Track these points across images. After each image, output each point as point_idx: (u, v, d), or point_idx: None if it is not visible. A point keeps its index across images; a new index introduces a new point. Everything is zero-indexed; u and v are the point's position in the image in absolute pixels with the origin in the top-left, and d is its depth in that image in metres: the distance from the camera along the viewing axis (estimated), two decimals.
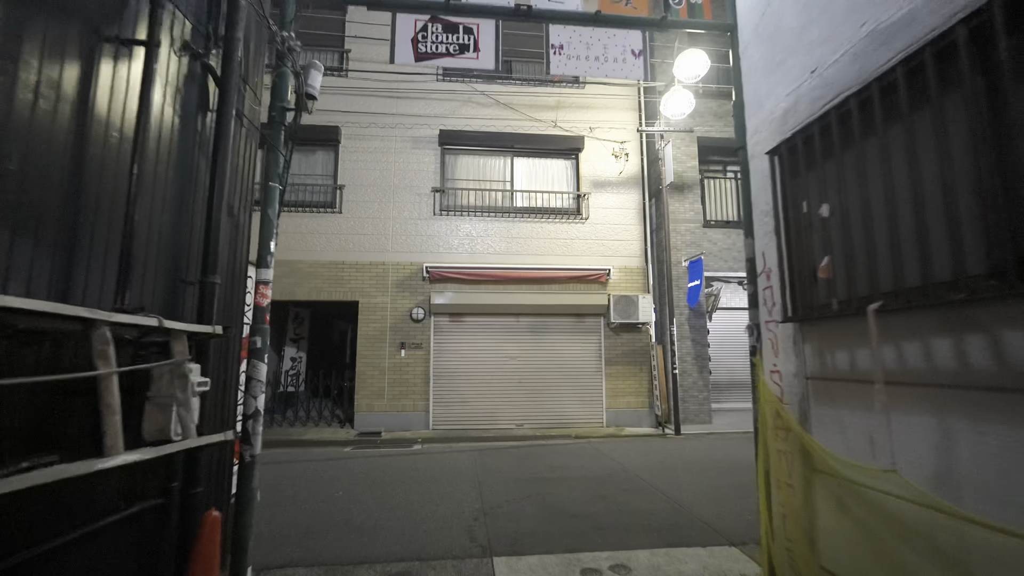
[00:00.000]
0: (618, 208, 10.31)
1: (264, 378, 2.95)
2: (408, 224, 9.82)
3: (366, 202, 9.81)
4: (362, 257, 9.65)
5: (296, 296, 9.48)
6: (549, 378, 9.68)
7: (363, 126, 9.99)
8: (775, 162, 2.79)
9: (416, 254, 9.74)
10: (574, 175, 10.47)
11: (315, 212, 9.71)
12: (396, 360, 9.41)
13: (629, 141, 10.41)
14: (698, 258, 9.64)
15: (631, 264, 10.14)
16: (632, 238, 10.23)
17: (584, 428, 9.51)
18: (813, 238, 2.50)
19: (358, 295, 9.54)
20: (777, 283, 2.81)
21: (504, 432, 9.19)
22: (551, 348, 9.77)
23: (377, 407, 9.26)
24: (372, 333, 9.46)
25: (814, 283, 2.47)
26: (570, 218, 10.16)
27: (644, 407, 9.75)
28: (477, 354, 9.64)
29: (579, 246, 10.08)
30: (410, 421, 9.27)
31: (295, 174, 9.93)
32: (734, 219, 10.72)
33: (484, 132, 10.07)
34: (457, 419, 9.40)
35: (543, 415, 9.56)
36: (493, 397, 9.53)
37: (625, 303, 9.64)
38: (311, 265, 9.53)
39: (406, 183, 9.94)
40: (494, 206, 10.06)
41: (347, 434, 8.96)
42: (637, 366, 9.86)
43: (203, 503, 2.47)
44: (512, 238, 9.95)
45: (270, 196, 3.10)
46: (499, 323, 9.74)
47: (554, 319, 9.85)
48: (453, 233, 9.87)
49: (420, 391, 9.38)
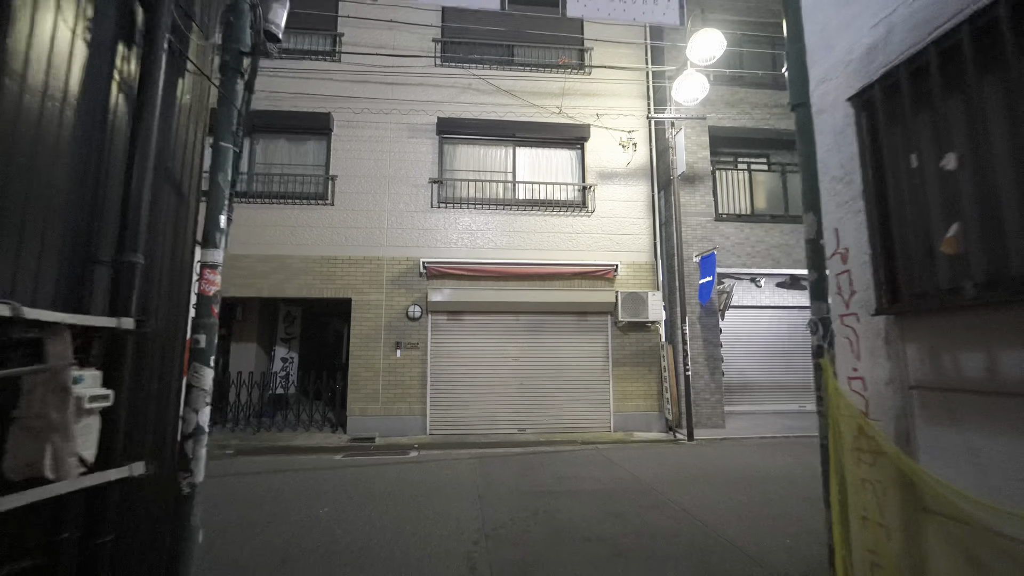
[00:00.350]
0: (626, 201, 9.68)
1: (209, 387, 2.32)
2: (404, 217, 9.19)
3: (360, 194, 9.18)
4: (355, 252, 9.01)
5: (285, 293, 8.84)
6: (553, 380, 9.05)
7: (356, 112, 9.36)
8: (860, 112, 2.17)
9: (412, 248, 9.11)
10: (579, 166, 9.85)
11: (306, 204, 9.07)
12: (391, 361, 8.78)
13: (637, 130, 9.79)
14: (711, 253, 9.02)
15: (639, 259, 9.51)
16: (640, 232, 9.61)
17: (591, 433, 8.88)
18: (927, 201, 1.88)
19: (351, 292, 8.90)
20: (861, 266, 2.19)
21: (506, 437, 8.56)
22: (555, 348, 9.14)
23: (371, 411, 8.62)
24: (366, 332, 8.82)
25: (929, 262, 1.86)
26: (575, 211, 9.53)
27: (654, 410, 9.13)
28: (477, 354, 9.01)
29: (585, 240, 9.45)
30: (406, 425, 8.63)
31: (284, 164, 9.31)
32: (747, 212, 10.09)
33: (484, 120, 9.44)
34: (456, 423, 8.77)
35: (547, 419, 8.93)
36: (494, 400, 8.90)
37: (633, 300, 9.02)
38: (301, 260, 8.89)
39: (402, 174, 9.31)
40: (495, 198, 9.43)
41: (339, 440, 8.32)
42: (646, 367, 9.23)
43: (122, 554, 1.85)
44: (514, 232, 9.33)
45: (221, 158, 2.47)
46: (500, 322, 9.11)
47: (558, 317, 9.22)
48: (452, 227, 9.25)
49: (416, 394, 8.75)
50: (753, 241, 9.87)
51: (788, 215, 10.11)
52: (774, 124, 10.25)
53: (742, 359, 10.54)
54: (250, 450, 7.73)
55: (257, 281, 8.77)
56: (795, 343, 10.96)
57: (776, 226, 9.98)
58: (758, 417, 10.26)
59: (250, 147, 9.24)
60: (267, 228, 8.93)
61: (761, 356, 10.82)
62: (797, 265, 9.83)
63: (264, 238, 8.89)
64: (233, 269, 8.71)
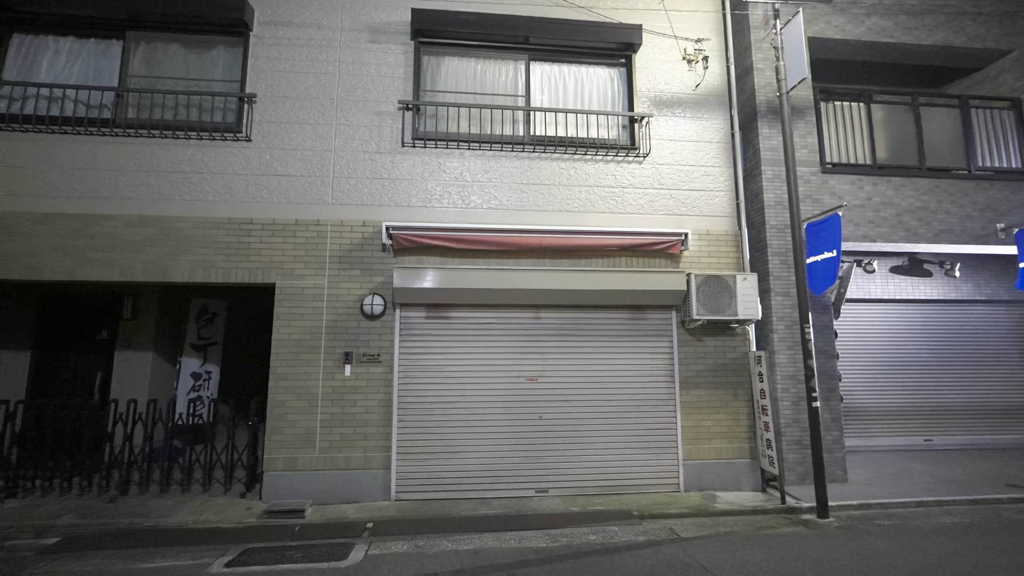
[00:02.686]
0: (693, 141, 6.28)
1: None
2: (360, 161, 5.77)
3: (291, 124, 5.76)
4: (282, 212, 5.59)
5: (169, 274, 5.39)
6: (590, 411, 5.64)
7: (289, 2, 5.95)
8: None
9: (372, 208, 5.69)
10: (625, 89, 6.44)
11: (207, 140, 5.64)
12: (336, 383, 5.36)
13: (709, 39, 6.39)
14: (833, 214, 5.60)
15: (716, 227, 6.12)
16: (717, 187, 6.21)
17: (650, 494, 5.48)
18: None
19: (274, 274, 5.48)
20: None
21: (518, 505, 5.15)
22: (594, 362, 5.73)
23: (302, 463, 5.20)
24: (296, 338, 5.40)
25: None
26: (620, 155, 6.12)
27: (743, 456, 5.73)
28: (472, 372, 5.59)
29: (635, 198, 6.05)
30: (358, 486, 5.21)
31: (175, 79, 5.86)
32: (866, 162, 6.68)
33: (484, 15, 6.00)
34: (437, 482, 5.35)
35: (582, 473, 5.51)
36: (499, 444, 5.49)
37: (715, 288, 5.61)
38: (197, 224, 5.46)
39: (357, 96, 5.89)
40: (500, 135, 6.02)
41: (246, 511, 4.89)
42: (730, 390, 5.84)
43: None
44: (528, 185, 5.92)
45: None
46: (509, 321, 5.70)
47: (599, 315, 5.81)
48: (434, 176, 5.83)
49: (376, 434, 5.33)
50: (877, 203, 6.48)
51: (926, 167, 6.71)
52: (903, 38, 6.88)
53: (848, 375, 7.20)
54: (88, 537, 4.31)
55: (123, 256, 5.33)
56: (920, 351, 7.60)
57: (909, 182, 6.59)
58: (877, 458, 6.87)
59: (123, 53, 5.79)
60: (143, 175, 5.49)
61: (873, 370, 7.44)
62: (942, 239, 6.45)
63: (138, 190, 5.46)
64: (85, 238, 5.28)
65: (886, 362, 7.45)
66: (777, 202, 6.27)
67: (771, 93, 6.43)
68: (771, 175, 6.33)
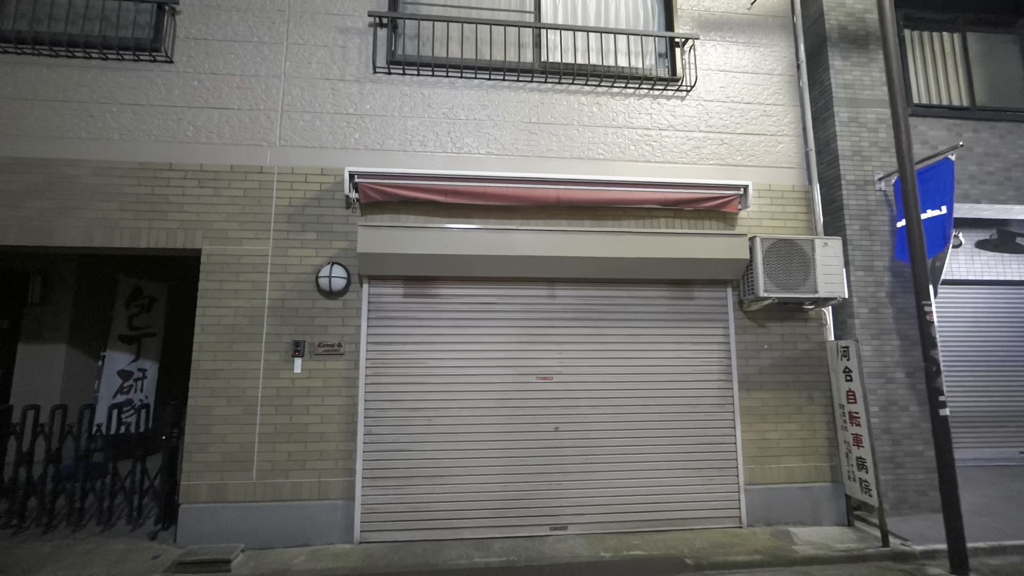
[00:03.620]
0: (749, 72, 4.84)
1: None
2: (319, 90, 4.31)
3: (228, 42, 4.30)
4: (213, 156, 4.13)
5: (53, 237, 3.93)
6: (622, 420, 4.19)
7: None
8: None
9: (334, 152, 4.23)
10: (661, 6, 4.99)
11: (112, 60, 4.18)
12: (283, 382, 3.91)
13: None
14: (943, 158, 4.15)
15: (779, 181, 4.68)
16: (780, 131, 4.77)
17: (704, 531, 4.03)
18: None
19: (199, 236, 4.01)
20: None
21: (527, 547, 3.70)
22: (624, 355, 4.28)
23: (233, 491, 3.74)
24: (228, 322, 3.94)
25: None
26: (657, 88, 4.68)
27: (822, 479, 4.28)
28: (464, 369, 4.13)
29: (675, 143, 4.61)
30: (310, 523, 3.76)
31: None
32: (964, 104, 5.24)
33: None
34: (418, 517, 3.89)
35: (611, 503, 4.06)
36: (500, 464, 4.03)
37: (787, 257, 4.17)
38: (97, 170, 4.00)
39: (316, 6, 4.44)
40: (502, 62, 4.55)
41: (151, 562, 3.45)
42: (803, 391, 4.39)
43: None
44: (539, 124, 4.48)
45: None
46: (513, 300, 4.25)
47: (628, 293, 4.36)
48: (416, 111, 4.38)
49: (336, 451, 3.87)
50: (979, 155, 5.05)
51: None
52: None
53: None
54: None
55: None
56: (1014, 345, 6.18)
57: (1018, 128, 5.16)
58: (967, 476, 5.44)
59: None
60: (24, 104, 4.03)
61: (956, 368, 6.01)
62: None
63: (16, 124, 4.00)
64: None
65: (972, 357, 6.02)
66: (855, 151, 4.84)
67: (843, 15, 5.00)
68: (846, 118, 4.89)
